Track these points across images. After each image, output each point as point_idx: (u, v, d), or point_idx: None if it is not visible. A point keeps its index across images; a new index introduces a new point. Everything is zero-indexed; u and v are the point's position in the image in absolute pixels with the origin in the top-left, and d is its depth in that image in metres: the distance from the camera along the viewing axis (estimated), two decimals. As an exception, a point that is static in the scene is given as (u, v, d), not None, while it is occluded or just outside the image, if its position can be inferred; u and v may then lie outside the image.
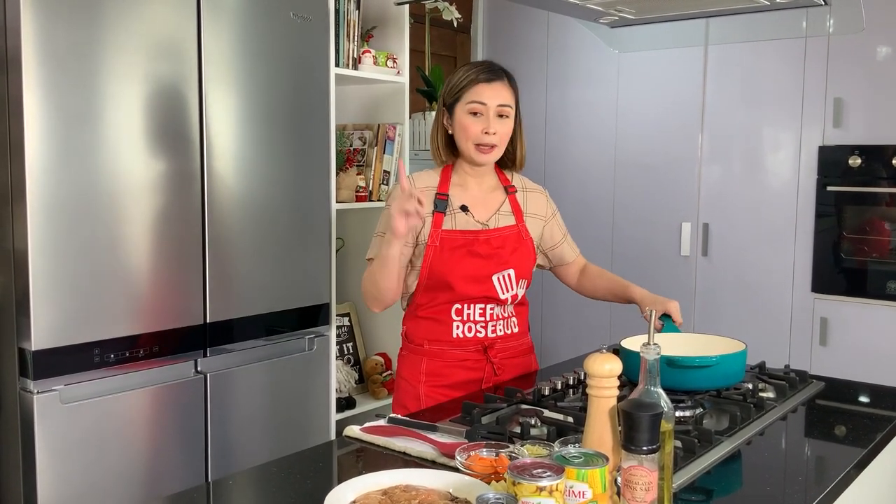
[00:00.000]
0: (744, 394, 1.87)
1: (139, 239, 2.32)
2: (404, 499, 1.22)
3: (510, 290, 2.07)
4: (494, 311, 2.07)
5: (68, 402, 2.19)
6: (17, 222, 2.12)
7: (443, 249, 2.01)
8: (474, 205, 2.07)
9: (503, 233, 2.08)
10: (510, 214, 2.11)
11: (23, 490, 2.17)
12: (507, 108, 2.02)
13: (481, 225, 2.06)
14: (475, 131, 1.99)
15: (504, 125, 2.03)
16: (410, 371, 2.10)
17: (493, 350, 2.07)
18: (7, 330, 2.19)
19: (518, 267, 2.08)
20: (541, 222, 2.18)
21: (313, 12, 2.73)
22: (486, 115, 2.00)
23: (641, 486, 1.18)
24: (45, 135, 2.11)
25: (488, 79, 2.01)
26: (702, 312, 3.87)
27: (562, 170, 4.28)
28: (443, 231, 2.03)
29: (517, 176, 2.21)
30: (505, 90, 2.04)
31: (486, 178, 2.12)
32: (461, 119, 2.01)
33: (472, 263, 2.02)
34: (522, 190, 2.18)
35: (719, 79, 3.76)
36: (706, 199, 3.84)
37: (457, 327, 2.06)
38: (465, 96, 2.01)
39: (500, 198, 2.13)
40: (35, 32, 2.08)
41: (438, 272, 2.02)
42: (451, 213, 2.05)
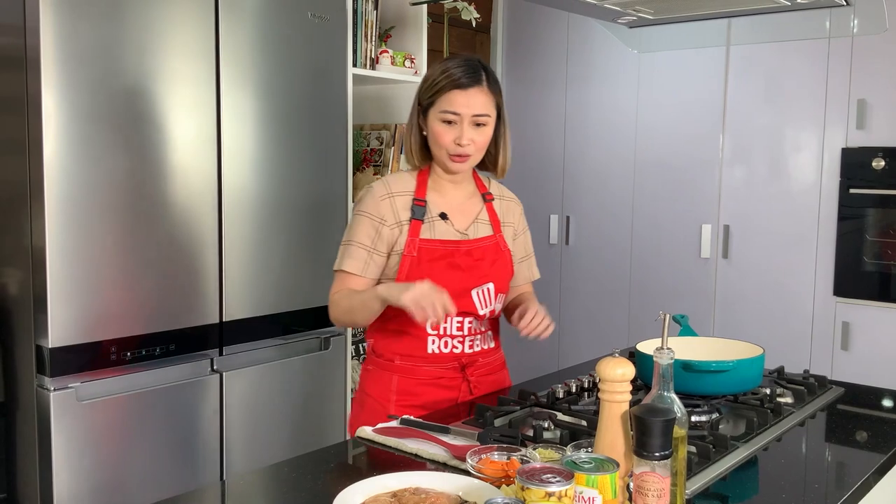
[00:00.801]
0: (761, 399, 1.84)
1: (155, 238, 2.33)
2: (413, 501, 1.21)
3: (489, 304, 1.94)
4: (472, 325, 1.93)
5: (84, 400, 2.21)
6: (34, 220, 2.13)
7: (421, 261, 1.85)
8: (452, 212, 1.92)
9: (483, 244, 1.93)
10: (488, 224, 1.96)
11: (39, 486, 2.18)
12: (483, 117, 1.83)
13: (461, 234, 1.91)
14: (447, 141, 1.82)
15: (481, 134, 1.85)
16: (379, 389, 1.92)
17: (472, 368, 1.94)
18: (24, 327, 2.21)
19: (497, 280, 1.94)
20: (511, 232, 2.03)
21: (331, 12, 2.73)
22: (460, 124, 1.81)
23: (653, 492, 1.16)
24: (62, 133, 2.13)
25: (465, 84, 1.80)
26: (722, 316, 3.83)
27: (581, 171, 4.26)
28: (421, 240, 1.86)
29: (494, 182, 2.05)
30: (482, 96, 1.83)
31: (463, 183, 1.96)
32: (434, 126, 1.84)
33: (452, 277, 1.86)
34: (500, 198, 2.03)
35: (741, 79, 3.72)
36: (727, 201, 3.80)
37: (432, 342, 1.89)
38: (438, 102, 1.82)
39: (477, 205, 1.97)
40: (53, 32, 2.09)
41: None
42: (430, 220, 1.89)
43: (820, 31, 3.49)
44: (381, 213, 1.86)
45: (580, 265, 4.29)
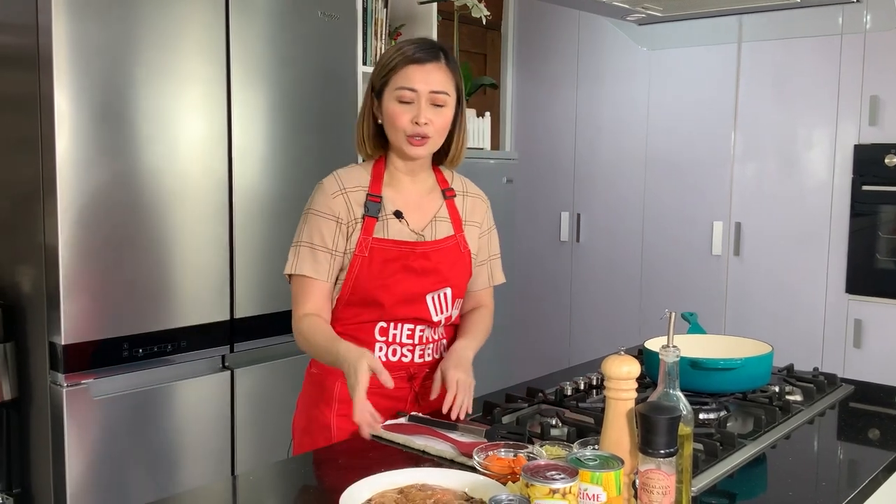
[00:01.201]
0: (770, 397, 1.84)
1: (167, 235, 2.35)
2: (420, 498, 1.22)
3: (444, 311, 1.79)
4: (425, 333, 1.78)
5: (97, 396, 2.23)
6: (47, 218, 2.16)
7: (373, 261, 1.71)
8: (408, 210, 1.76)
9: (441, 245, 1.78)
10: (447, 222, 1.80)
11: (52, 481, 2.21)
12: (442, 96, 1.67)
13: (416, 235, 1.75)
14: (404, 121, 1.67)
15: (439, 115, 1.68)
16: (320, 396, 1.78)
17: (419, 379, 1.79)
18: (38, 324, 2.23)
19: (455, 285, 1.80)
20: (477, 231, 1.88)
21: (341, 11, 2.74)
22: (417, 102, 1.66)
23: (658, 489, 1.17)
24: (74, 132, 2.15)
25: (421, 59, 1.66)
26: (733, 313, 3.82)
27: (592, 168, 4.25)
28: (374, 239, 1.71)
29: (458, 177, 1.89)
30: (440, 73, 1.68)
31: (421, 176, 1.79)
32: (389, 106, 1.68)
33: (406, 281, 1.72)
34: (463, 194, 1.86)
35: (753, 76, 3.70)
36: (739, 198, 3.79)
37: (380, 349, 1.75)
38: (393, 80, 1.67)
39: (436, 202, 1.81)
40: (66, 32, 2.11)
41: (365, 288, 1.71)
42: (384, 218, 1.73)
43: (832, 28, 3.47)
44: (334, 211, 1.71)
45: (591, 262, 4.29)
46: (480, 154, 3.92)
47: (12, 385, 2.27)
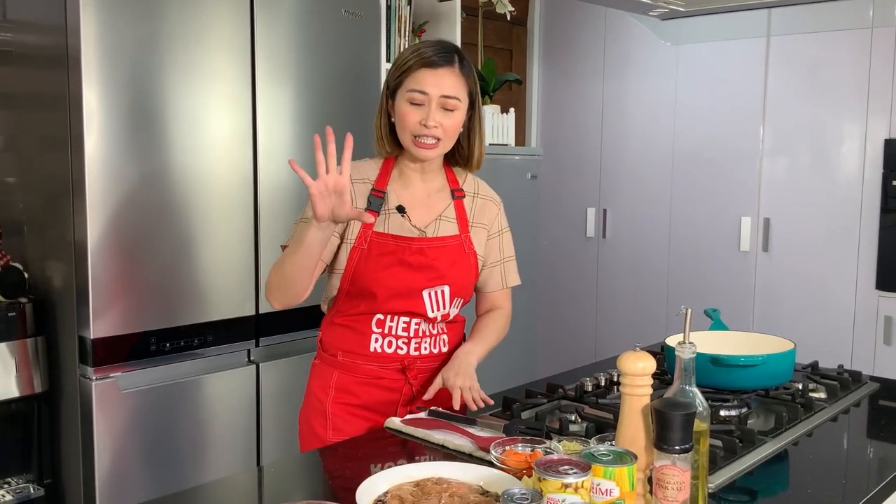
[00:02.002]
0: (793, 394, 1.83)
1: (194, 232, 2.38)
2: (435, 491, 1.23)
3: (441, 308, 1.79)
4: (421, 326, 1.79)
5: (125, 389, 2.27)
6: (77, 216, 2.20)
7: (370, 254, 1.74)
8: (414, 206, 1.78)
9: (442, 243, 1.79)
10: (453, 222, 1.81)
11: (82, 472, 2.26)
12: (453, 101, 1.70)
13: (418, 231, 1.77)
14: (412, 122, 1.69)
15: (449, 118, 1.71)
16: (320, 384, 1.83)
17: (413, 370, 1.80)
18: (68, 319, 2.28)
19: (455, 283, 1.79)
20: (485, 233, 1.88)
21: (365, 9, 2.75)
22: (427, 105, 1.69)
23: (673, 485, 1.17)
24: (103, 130, 2.19)
25: (435, 63, 1.69)
26: (761, 310, 3.79)
27: (618, 164, 4.23)
28: (373, 233, 1.74)
29: (471, 178, 1.90)
30: (453, 78, 1.70)
31: (431, 175, 1.81)
32: (400, 107, 1.71)
33: (400, 275, 1.74)
34: (473, 196, 1.87)
35: (782, 70, 3.66)
36: (767, 194, 3.75)
37: (375, 340, 1.78)
38: (406, 82, 1.70)
39: (444, 202, 1.82)
40: (94, 31, 2.15)
41: (362, 279, 1.74)
42: (386, 213, 1.76)
43: (863, 21, 3.42)
44: None
45: (617, 258, 4.27)
46: (505, 150, 3.92)
47: (43, 378, 2.32)
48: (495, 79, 3.81)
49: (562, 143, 4.43)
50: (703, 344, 1.85)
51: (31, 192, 2.45)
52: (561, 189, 4.45)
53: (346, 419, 1.77)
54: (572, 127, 4.40)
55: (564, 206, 4.45)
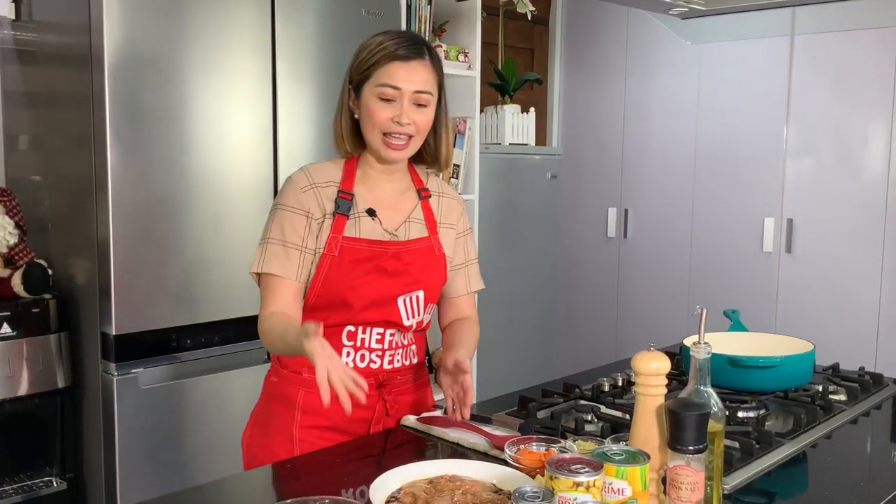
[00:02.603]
0: (812, 396, 1.81)
1: (213, 230, 2.41)
2: (448, 488, 1.23)
3: (416, 315, 1.68)
4: (395, 337, 1.67)
5: (147, 385, 2.30)
6: (99, 213, 2.23)
7: (342, 261, 1.60)
8: (382, 209, 1.67)
9: (415, 246, 1.68)
10: (422, 224, 1.71)
11: (104, 467, 2.28)
12: (426, 96, 1.59)
13: (390, 235, 1.66)
14: (383, 119, 1.58)
15: (422, 115, 1.60)
16: (283, 406, 1.66)
17: (389, 386, 1.68)
18: (90, 315, 2.31)
19: (428, 288, 1.69)
20: (454, 234, 1.77)
21: (385, 8, 2.77)
22: (400, 101, 1.58)
23: (687, 485, 1.16)
24: (126, 129, 2.21)
25: (405, 56, 1.58)
26: (784, 311, 3.75)
27: (640, 163, 4.21)
28: (344, 238, 1.61)
29: (433, 178, 1.79)
30: (425, 72, 1.60)
31: (397, 175, 1.70)
32: (369, 103, 1.59)
33: (377, 282, 1.62)
34: (438, 195, 1.76)
35: (807, 69, 3.62)
36: (791, 194, 3.71)
37: (347, 354, 1.64)
38: (375, 76, 1.58)
39: (411, 202, 1.71)
40: (117, 31, 2.18)
41: (335, 288, 1.60)
42: (356, 216, 1.64)
43: (889, 19, 3.37)
44: (304, 206, 1.61)
45: (638, 259, 4.25)
46: (525, 150, 3.92)
47: (66, 373, 2.36)
48: (515, 78, 3.81)
49: (583, 143, 4.42)
50: (722, 345, 1.84)
51: (54, 190, 2.49)
52: (582, 189, 4.44)
53: (315, 444, 1.61)
54: (594, 127, 4.38)
55: (585, 206, 4.44)
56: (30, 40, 2.52)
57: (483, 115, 3.73)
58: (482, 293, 1.88)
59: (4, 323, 2.23)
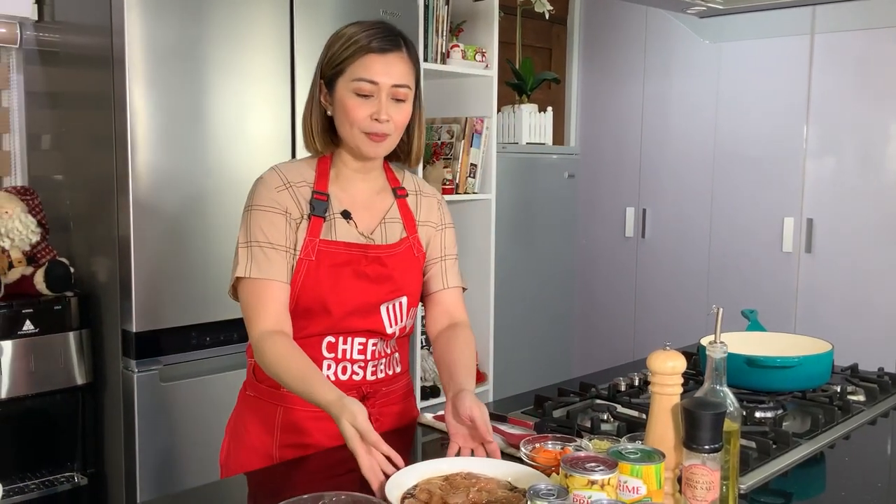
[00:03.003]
0: (830, 396, 1.80)
1: (233, 229, 2.42)
2: (464, 486, 1.24)
3: (399, 321, 1.60)
4: (377, 347, 1.58)
5: (167, 381, 2.32)
6: (121, 212, 2.25)
7: (320, 266, 1.51)
8: (356, 210, 1.58)
9: (395, 250, 1.59)
10: (399, 223, 1.62)
11: (124, 462, 2.31)
12: (403, 90, 1.50)
13: (366, 238, 1.56)
14: (361, 116, 1.48)
15: (400, 111, 1.51)
16: (260, 424, 1.58)
17: (374, 398, 1.58)
18: (111, 312, 2.33)
19: (411, 293, 1.61)
20: (431, 230, 1.67)
21: (403, 8, 2.78)
22: (378, 96, 1.48)
23: (702, 484, 1.16)
24: (146, 129, 2.24)
25: (382, 48, 1.48)
26: (804, 312, 3.73)
27: (658, 163, 4.20)
28: (321, 241, 1.52)
29: (409, 175, 1.70)
30: (403, 65, 1.51)
31: (372, 174, 1.61)
32: (344, 99, 1.49)
33: (359, 288, 1.53)
34: (416, 193, 1.68)
35: (827, 69, 3.60)
36: (811, 194, 3.69)
37: (328, 367, 1.54)
38: (349, 70, 1.48)
39: (386, 202, 1.62)
40: (139, 32, 2.20)
41: (313, 295, 1.51)
42: (332, 218, 1.54)
43: (912, 17, 3.35)
44: (282, 205, 1.52)
45: (656, 259, 4.24)
46: (542, 149, 3.92)
47: (87, 370, 2.39)
48: (533, 78, 3.81)
49: (601, 143, 4.41)
50: (740, 345, 1.84)
51: (77, 189, 2.52)
52: (600, 188, 4.43)
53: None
54: (612, 126, 4.37)
55: (603, 206, 4.43)
56: (52, 41, 2.56)
57: (500, 114, 3.74)
58: (500, 293, 1.86)
59: (27, 320, 2.26)
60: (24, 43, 2.64)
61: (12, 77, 2.67)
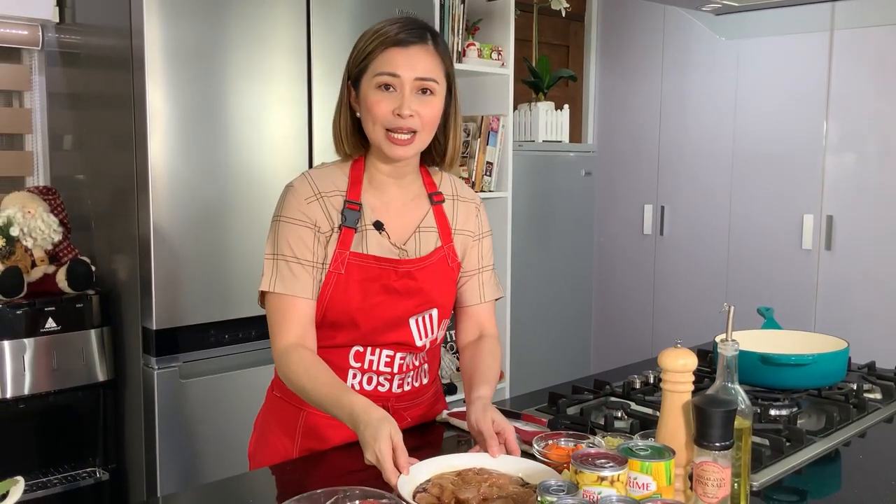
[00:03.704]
0: (846, 394, 1.79)
1: (251, 227, 2.45)
2: (476, 481, 1.25)
3: (430, 334, 1.56)
4: (405, 360, 1.55)
5: (186, 378, 2.35)
6: (141, 211, 2.29)
7: (350, 279, 1.48)
8: (389, 219, 1.52)
9: (427, 263, 1.54)
10: (434, 232, 1.56)
11: (144, 457, 2.34)
12: (430, 83, 1.44)
13: (398, 251, 1.52)
14: (383, 111, 1.43)
15: (427, 105, 1.44)
16: (284, 424, 1.57)
17: (398, 410, 1.56)
18: (132, 310, 2.37)
19: (443, 305, 1.57)
20: (468, 240, 1.62)
21: (418, 8, 2.79)
22: (401, 89, 1.42)
23: (713, 481, 1.17)
24: (166, 130, 2.27)
25: (405, 41, 1.43)
26: (824, 310, 3.70)
27: (676, 160, 4.19)
28: (351, 254, 1.48)
29: (447, 178, 1.63)
30: (428, 57, 1.44)
31: (407, 179, 1.55)
32: (367, 95, 1.44)
33: (388, 303, 1.50)
34: (453, 198, 1.61)
35: (847, 65, 3.57)
36: (830, 190, 3.66)
37: (354, 376, 1.53)
38: (373, 65, 1.44)
39: (422, 209, 1.57)
40: (158, 33, 2.23)
41: (341, 309, 1.48)
42: (363, 229, 1.50)
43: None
44: (311, 218, 1.48)
45: (675, 256, 4.23)
46: (559, 147, 3.92)
47: (108, 367, 2.42)
48: (549, 75, 3.81)
49: (619, 140, 4.40)
50: (756, 342, 1.84)
51: (98, 188, 2.56)
52: (618, 186, 4.42)
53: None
54: (630, 123, 4.36)
55: (621, 203, 4.42)
56: (73, 43, 2.59)
57: (516, 112, 3.74)
58: (517, 291, 1.85)
59: (49, 318, 2.29)
60: (46, 45, 2.68)
61: (34, 78, 2.72)
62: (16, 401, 2.26)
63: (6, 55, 2.68)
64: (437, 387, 1.71)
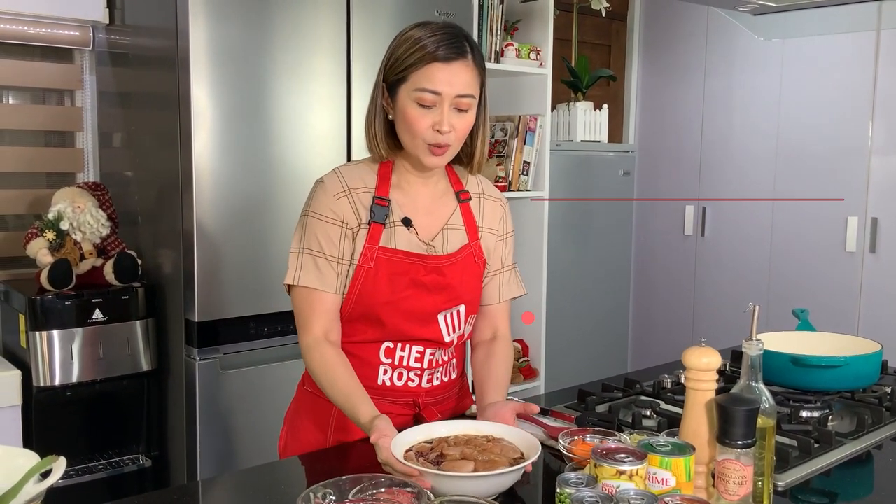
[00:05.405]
0: (879, 397, 1.78)
1: (292, 223, 2.48)
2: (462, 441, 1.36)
3: (457, 329, 1.60)
4: (434, 356, 1.59)
5: (227, 370, 2.41)
6: (185, 207, 2.35)
7: (378, 274, 1.51)
8: (417, 216, 1.55)
9: (455, 259, 1.57)
10: (461, 230, 1.59)
11: (186, 446, 2.42)
12: (467, 100, 1.47)
13: (426, 247, 1.54)
14: (423, 127, 1.45)
15: (462, 120, 1.48)
16: (316, 419, 1.60)
17: (427, 405, 1.60)
18: (175, 303, 2.44)
19: (470, 301, 1.60)
20: (493, 239, 1.65)
21: (457, 8, 2.82)
22: (440, 106, 1.45)
23: (735, 479, 1.18)
24: (210, 128, 2.33)
25: (446, 56, 1.43)
26: (867, 313, 3.64)
27: (719, 160, 4.15)
28: (380, 249, 1.51)
29: (473, 177, 1.66)
30: (468, 73, 1.46)
31: (434, 178, 1.58)
32: (406, 108, 1.46)
33: (417, 298, 1.53)
34: (479, 196, 1.64)
35: (894, 65, 3.50)
36: (876, 192, 3.60)
37: (384, 372, 1.56)
38: (412, 78, 1.45)
39: (449, 207, 1.60)
40: (203, 34, 2.30)
41: (369, 302, 1.51)
42: (392, 225, 1.53)
43: (983, 10, 3.24)
44: (339, 215, 1.52)
45: (716, 257, 4.19)
46: (597, 147, 3.92)
47: (152, 357, 2.50)
48: (588, 75, 3.81)
49: (660, 140, 4.38)
50: (790, 344, 1.83)
51: (144, 185, 2.64)
52: (658, 186, 4.40)
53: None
54: (671, 123, 4.34)
55: (662, 204, 4.40)
56: (122, 43, 2.68)
57: (555, 112, 3.75)
58: (553, 290, 1.86)
59: (97, 309, 2.38)
60: (97, 45, 2.77)
61: (85, 78, 2.81)
62: (64, 388, 2.35)
63: (59, 55, 2.78)
64: (463, 381, 1.74)
